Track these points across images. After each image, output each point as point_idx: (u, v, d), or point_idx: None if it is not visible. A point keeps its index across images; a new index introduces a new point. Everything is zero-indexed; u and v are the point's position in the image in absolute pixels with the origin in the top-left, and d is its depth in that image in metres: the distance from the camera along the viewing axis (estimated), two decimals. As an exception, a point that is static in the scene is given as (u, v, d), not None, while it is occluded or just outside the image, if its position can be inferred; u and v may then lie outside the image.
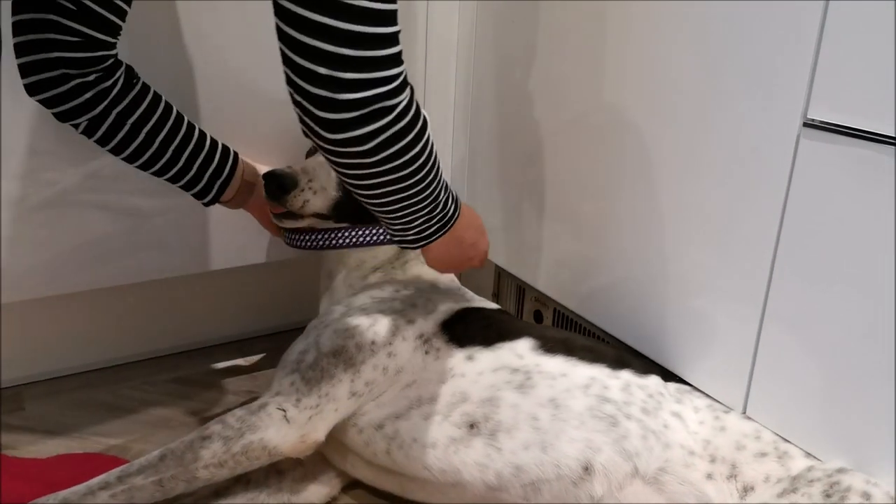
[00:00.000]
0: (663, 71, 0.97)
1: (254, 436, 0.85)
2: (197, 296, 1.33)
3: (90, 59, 0.88)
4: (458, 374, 0.95)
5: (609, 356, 0.98)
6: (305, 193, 1.02)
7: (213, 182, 1.03)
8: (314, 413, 0.89)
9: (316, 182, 1.03)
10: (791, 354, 0.86)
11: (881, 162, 0.75)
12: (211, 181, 1.02)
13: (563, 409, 0.89)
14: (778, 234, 0.86)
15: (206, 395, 1.22)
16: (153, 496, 0.83)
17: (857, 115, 0.76)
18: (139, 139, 0.95)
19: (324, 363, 0.92)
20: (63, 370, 1.25)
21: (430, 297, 1.05)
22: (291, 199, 1.01)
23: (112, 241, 1.13)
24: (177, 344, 1.34)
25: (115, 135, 0.94)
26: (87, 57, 0.87)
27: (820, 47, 0.79)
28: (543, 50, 1.17)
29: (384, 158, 0.73)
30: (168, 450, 0.84)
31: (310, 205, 1.03)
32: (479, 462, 0.87)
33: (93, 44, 0.87)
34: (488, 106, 1.31)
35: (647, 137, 1.01)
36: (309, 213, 1.03)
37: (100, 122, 0.92)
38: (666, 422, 0.90)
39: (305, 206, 1.02)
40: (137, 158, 0.97)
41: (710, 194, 0.93)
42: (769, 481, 0.83)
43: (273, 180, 1.01)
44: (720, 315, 0.94)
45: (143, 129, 0.95)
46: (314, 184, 1.03)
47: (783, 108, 0.83)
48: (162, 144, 0.97)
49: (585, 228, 1.14)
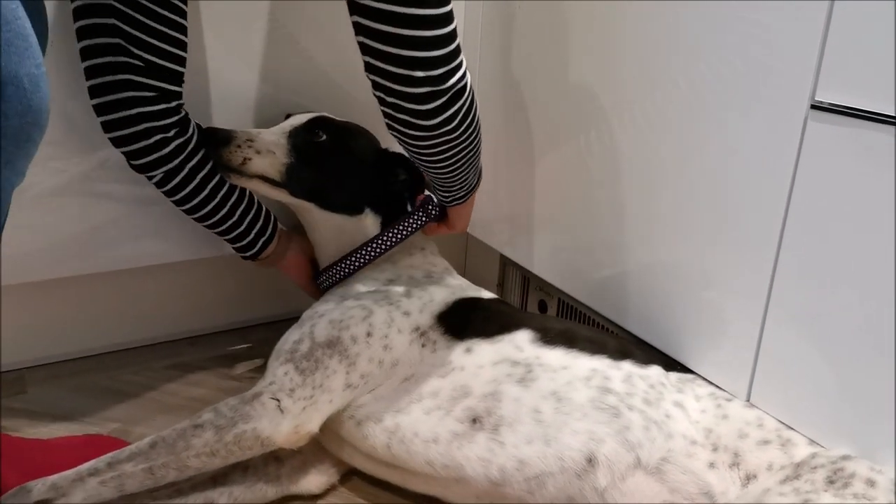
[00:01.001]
0: (670, 59, 0.95)
1: (246, 425, 0.84)
2: (199, 283, 1.33)
3: (167, 111, 0.96)
4: (458, 367, 0.93)
5: (610, 347, 0.97)
6: (244, 150, 1.02)
7: (258, 239, 1.11)
8: (308, 404, 0.88)
9: (258, 143, 1.04)
10: (796, 341, 0.85)
11: (889, 144, 0.73)
12: (256, 238, 1.10)
13: (566, 402, 0.88)
14: (784, 219, 0.84)
15: (206, 381, 1.22)
16: (143, 483, 0.82)
17: (866, 96, 0.74)
18: (204, 193, 1.02)
19: (318, 354, 0.91)
20: (65, 354, 1.25)
21: (425, 287, 1.04)
22: (227, 154, 1.02)
23: (115, 228, 1.14)
24: (178, 330, 1.34)
25: (185, 187, 1.01)
26: (163, 109, 0.95)
27: (829, 28, 0.77)
28: (549, 43, 1.15)
29: (465, 129, 0.90)
30: (159, 437, 0.84)
31: (252, 164, 1.02)
32: (482, 457, 0.86)
33: (167, 95, 0.96)
34: (494, 97, 1.30)
35: (654, 125, 0.99)
36: (252, 172, 1.03)
37: (174, 175, 0.99)
38: (668, 412, 0.89)
39: (247, 164, 1.02)
40: (199, 210, 1.04)
41: (716, 181, 0.91)
42: (772, 469, 0.82)
43: (205, 132, 1.03)
44: (725, 301, 0.93)
45: (210, 183, 1.03)
46: (256, 144, 1.03)
47: (791, 90, 0.81)
48: (222, 199, 1.04)
49: (592, 218, 1.13)
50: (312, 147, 1.06)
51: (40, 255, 1.10)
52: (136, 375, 1.22)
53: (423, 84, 0.80)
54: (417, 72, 0.79)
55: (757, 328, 0.89)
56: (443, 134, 0.87)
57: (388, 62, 0.79)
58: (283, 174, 1.04)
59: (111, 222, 1.14)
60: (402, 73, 0.79)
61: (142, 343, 1.31)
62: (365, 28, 0.78)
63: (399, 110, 0.83)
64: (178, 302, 1.32)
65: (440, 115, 0.84)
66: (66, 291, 1.21)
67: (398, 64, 0.79)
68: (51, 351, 1.24)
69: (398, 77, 0.80)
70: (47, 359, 1.24)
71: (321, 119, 1.09)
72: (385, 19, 0.77)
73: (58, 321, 1.23)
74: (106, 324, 1.27)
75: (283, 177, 1.05)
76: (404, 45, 0.78)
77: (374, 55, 0.79)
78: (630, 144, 1.03)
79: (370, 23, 0.77)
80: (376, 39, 0.78)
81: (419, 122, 0.84)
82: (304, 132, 1.07)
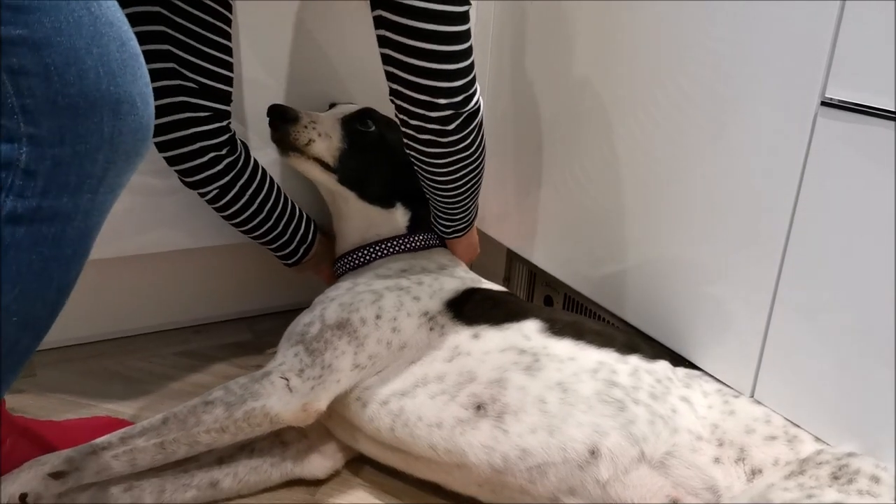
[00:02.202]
0: (680, 56, 0.96)
1: (256, 402, 0.85)
2: (206, 272, 1.34)
3: (219, 130, 1.01)
4: (464, 352, 0.94)
5: (618, 341, 0.97)
6: (309, 131, 1.08)
7: (300, 247, 1.16)
8: (317, 383, 0.89)
9: (321, 126, 1.09)
10: (801, 337, 0.85)
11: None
12: (298, 246, 1.15)
13: (571, 393, 0.88)
14: (792, 215, 0.84)
15: (213, 368, 1.23)
16: (154, 459, 0.83)
17: (876, 93, 0.75)
18: (253, 207, 1.08)
19: (328, 335, 0.92)
20: (75, 339, 1.26)
21: (436, 276, 1.05)
22: (295, 132, 1.08)
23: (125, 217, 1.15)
24: (185, 318, 1.35)
25: (235, 203, 1.06)
26: (216, 128, 1.00)
27: (840, 26, 0.77)
28: (557, 42, 1.16)
29: (476, 146, 1.00)
30: (171, 413, 0.85)
31: (315, 146, 1.08)
32: (485, 444, 0.86)
33: (218, 115, 1.01)
34: (504, 95, 1.31)
35: (663, 122, 1.00)
36: (313, 154, 1.08)
37: (227, 192, 1.04)
38: (674, 406, 0.89)
39: (311, 146, 1.08)
40: (247, 224, 1.09)
41: (726, 177, 0.92)
42: (778, 464, 0.82)
43: (276, 109, 1.08)
44: (731, 297, 0.93)
45: (258, 198, 1.08)
46: (319, 126, 1.09)
47: (801, 87, 0.82)
48: (269, 212, 1.10)
49: (598, 214, 1.13)
50: (363, 136, 1.11)
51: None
52: (143, 361, 1.23)
53: (445, 108, 0.91)
54: (440, 99, 0.90)
55: (763, 324, 0.89)
56: (459, 151, 0.98)
57: (415, 90, 0.90)
58: (337, 159, 1.09)
59: (121, 212, 1.13)
60: (425, 99, 0.90)
61: (150, 330, 1.32)
62: (394, 60, 0.90)
63: (423, 132, 0.94)
64: (186, 290, 1.33)
65: (458, 134, 0.95)
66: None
67: (423, 91, 0.90)
68: (60, 335, 1.24)
69: (422, 103, 0.91)
70: (57, 342, 1.24)
71: (370, 111, 1.14)
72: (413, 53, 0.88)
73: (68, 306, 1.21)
74: (115, 310, 1.28)
75: (337, 162, 1.09)
76: (428, 76, 0.89)
77: (404, 84, 0.90)
78: (638, 141, 1.04)
79: (402, 56, 0.88)
80: (405, 71, 0.89)
81: (441, 139, 0.95)
82: (356, 121, 1.12)
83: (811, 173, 0.82)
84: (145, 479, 0.86)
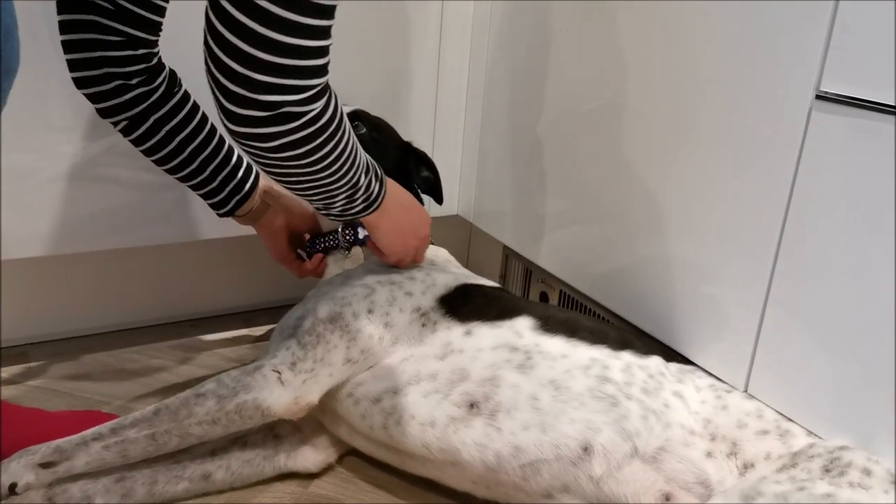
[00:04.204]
0: (674, 51, 0.96)
1: (248, 395, 0.85)
2: (202, 266, 1.34)
3: (133, 58, 0.91)
4: (457, 349, 0.94)
5: (611, 337, 0.97)
6: None
7: (231, 197, 1.06)
8: (309, 377, 0.89)
9: None
10: (795, 332, 0.85)
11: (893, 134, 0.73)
12: (230, 196, 1.05)
13: (564, 390, 0.88)
14: (786, 210, 0.84)
15: (209, 362, 1.23)
16: (146, 450, 0.83)
17: (871, 87, 0.75)
18: (171, 146, 0.98)
19: (320, 329, 0.92)
20: (69, 332, 1.26)
21: (428, 272, 1.05)
22: None
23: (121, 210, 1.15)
24: (181, 312, 1.35)
25: (149, 138, 0.97)
26: (129, 55, 0.91)
27: (835, 19, 0.77)
28: (552, 39, 1.16)
29: (287, 157, 0.76)
30: (163, 405, 0.85)
31: None
32: (478, 442, 0.86)
33: (134, 42, 0.91)
34: (501, 93, 1.31)
35: (656, 118, 1.00)
36: None
37: (137, 125, 0.96)
38: (667, 401, 0.89)
39: None
40: (166, 163, 1.00)
41: (719, 172, 0.92)
42: (770, 458, 0.82)
43: None
44: (725, 292, 0.93)
45: (177, 137, 0.98)
46: None
47: (796, 80, 0.82)
48: (191, 154, 1.00)
49: (594, 210, 1.13)
50: None
51: (45, 234, 1.11)
52: (138, 355, 1.23)
53: (240, 83, 0.68)
54: (239, 66, 0.68)
55: (756, 319, 0.89)
56: (254, 147, 0.75)
57: (220, 46, 0.68)
58: None
59: (117, 205, 1.15)
60: (225, 61, 0.68)
61: (145, 323, 1.32)
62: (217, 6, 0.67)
63: (216, 99, 0.72)
64: (182, 284, 1.33)
65: (250, 127, 0.72)
66: (72, 270, 1.22)
67: (226, 51, 0.67)
68: (55, 328, 1.25)
69: (221, 65, 0.68)
70: (51, 335, 1.25)
71: (360, 112, 1.13)
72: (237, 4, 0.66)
73: (63, 299, 1.24)
74: (110, 303, 1.28)
75: None
76: (239, 34, 0.66)
77: (213, 36, 0.68)
78: (633, 138, 1.04)
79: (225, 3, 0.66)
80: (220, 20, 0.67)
81: (226, 122, 0.73)
82: None
83: (805, 167, 0.82)
84: (137, 471, 0.86)
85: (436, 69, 1.36)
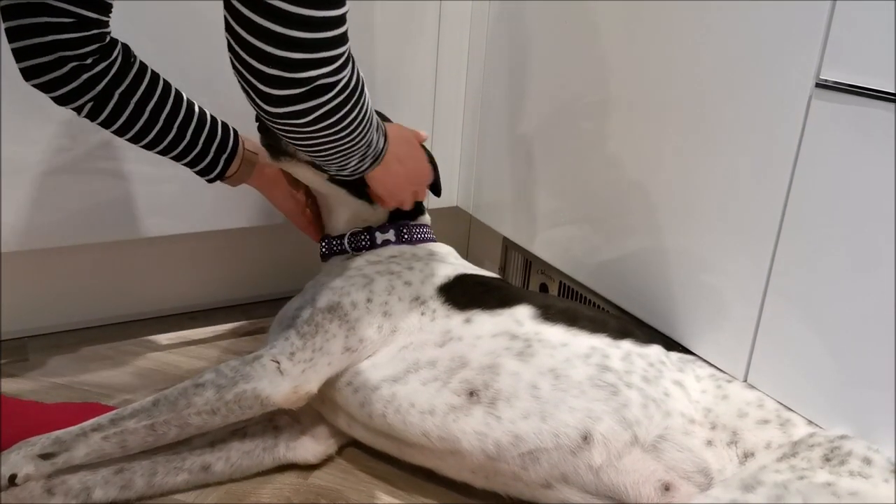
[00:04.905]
0: (673, 40, 0.95)
1: (247, 385, 0.85)
2: (201, 258, 1.34)
3: (85, 39, 0.87)
4: (456, 337, 0.94)
5: (611, 326, 0.97)
6: None
7: (219, 157, 1.02)
8: (307, 366, 0.89)
9: None
10: (794, 321, 0.85)
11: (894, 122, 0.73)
12: (216, 156, 1.02)
13: (563, 379, 0.88)
14: (786, 199, 0.84)
15: (206, 354, 1.23)
16: (145, 441, 0.83)
17: (871, 75, 0.75)
18: (144, 117, 0.94)
19: (319, 318, 0.92)
20: (67, 324, 1.26)
21: (428, 262, 1.04)
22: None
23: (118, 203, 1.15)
24: (179, 305, 1.35)
25: (119, 115, 0.93)
26: (81, 37, 0.86)
27: (835, 7, 0.77)
28: (550, 33, 1.16)
29: (322, 127, 0.79)
30: (162, 395, 0.85)
31: None
32: (478, 431, 0.86)
33: (85, 23, 0.86)
34: (500, 85, 1.31)
35: (655, 108, 0.99)
36: (305, 157, 1.02)
37: (103, 104, 0.92)
38: (667, 390, 0.89)
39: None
40: (143, 137, 0.96)
41: (719, 162, 0.92)
42: (770, 447, 0.82)
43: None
44: (725, 282, 0.93)
45: (147, 106, 0.94)
46: None
47: (796, 68, 0.81)
48: (166, 121, 0.96)
49: (593, 201, 1.13)
50: None
51: (44, 226, 1.11)
52: (136, 347, 1.23)
53: (276, 65, 0.70)
54: (273, 49, 0.69)
55: (756, 308, 0.89)
56: (293, 125, 0.77)
57: (250, 31, 0.69)
58: None
59: (115, 198, 1.15)
60: (257, 45, 0.69)
61: (143, 316, 1.32)
62: None
63: (249, 86, 0.74)
64: (180, 277, 1.33)
65: (290, 106, 0.74)
66: (70, 263, 1.22)
67: (257, 34, 0.69)
68: (53, 320, 1.25)
69: (253, 49, 0.70)
70: (49, 328, 1.24)
71: None
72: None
73: (61, 291, 1.24)
74: (109, 295, 1.28)
75: None
76: (268, 16, 0.68)
77: (240, 22, 0.69)
78: (632, 129, 1.03)
79: None
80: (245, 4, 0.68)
81: (266, 106, 0.75)
82: None
83: (805, 155, 0.82)
84: (136, 462, 0.86)
85: (434, 61, 1.35)
